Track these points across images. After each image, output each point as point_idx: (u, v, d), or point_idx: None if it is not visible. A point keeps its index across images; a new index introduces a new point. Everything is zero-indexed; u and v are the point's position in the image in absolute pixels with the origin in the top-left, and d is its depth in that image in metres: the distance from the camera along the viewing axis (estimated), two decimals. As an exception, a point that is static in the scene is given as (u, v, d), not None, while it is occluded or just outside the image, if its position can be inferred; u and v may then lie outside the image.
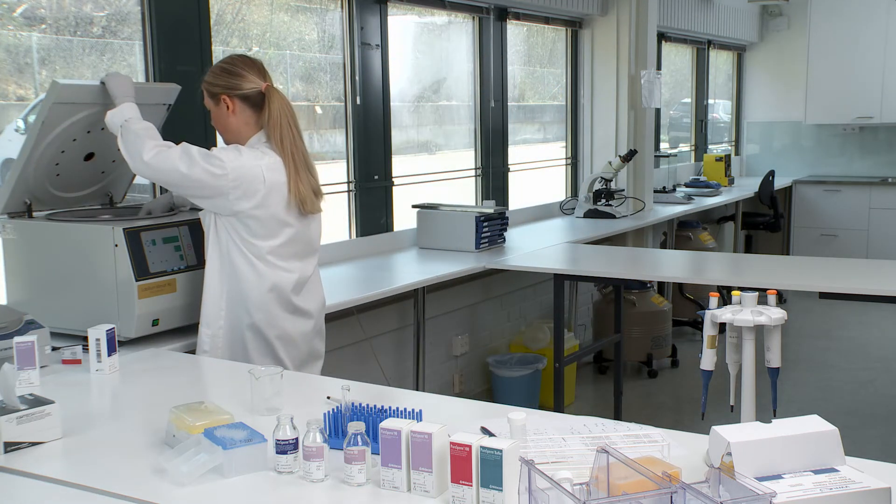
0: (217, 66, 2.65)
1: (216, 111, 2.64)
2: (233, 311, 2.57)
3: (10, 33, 3.04)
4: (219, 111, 2.63)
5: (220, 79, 2.61)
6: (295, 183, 2.57)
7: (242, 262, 2.54)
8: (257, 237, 2.54)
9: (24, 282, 2.74)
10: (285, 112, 2.59)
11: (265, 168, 2.53)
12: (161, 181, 2.61)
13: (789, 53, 8.70)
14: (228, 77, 2.60)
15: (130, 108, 2.62)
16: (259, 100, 2.60)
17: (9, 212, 2.74)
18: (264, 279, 2.56)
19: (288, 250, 2.61)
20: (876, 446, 4.33)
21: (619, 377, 4.67)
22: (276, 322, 2.60)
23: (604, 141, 6.10)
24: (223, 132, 2.67)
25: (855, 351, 6.17)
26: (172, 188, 2.63)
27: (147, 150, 2.49)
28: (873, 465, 1.60)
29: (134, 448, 1.80)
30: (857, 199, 8.21)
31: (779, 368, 2.72)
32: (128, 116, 2.60)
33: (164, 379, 2.33)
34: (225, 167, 2.47)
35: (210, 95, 2.63)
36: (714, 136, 8.72)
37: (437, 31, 5.14)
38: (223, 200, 2.50)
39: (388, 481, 1.56)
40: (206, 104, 2.66)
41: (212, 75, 2.63)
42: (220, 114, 2.63)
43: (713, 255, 4.97)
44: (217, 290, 2.57)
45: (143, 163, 2.50)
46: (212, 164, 2.47)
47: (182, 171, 2.46)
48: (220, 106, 2.62)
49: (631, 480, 1.34)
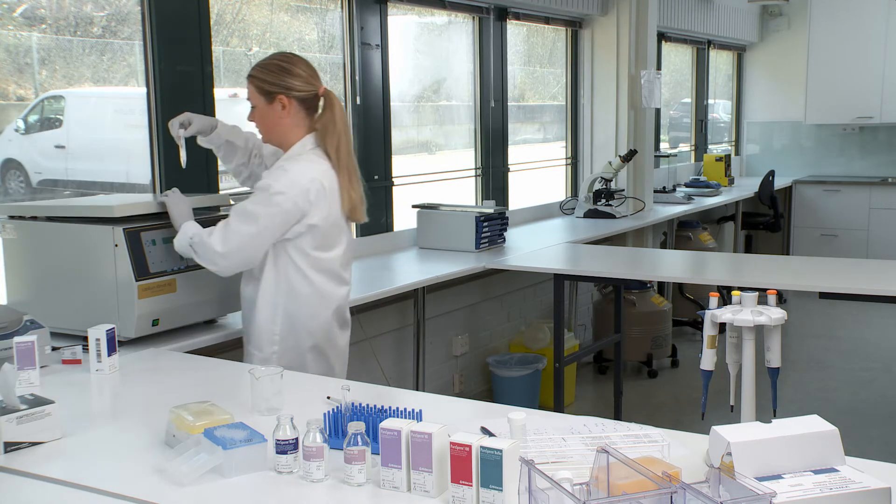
0: (272, 64, 2.53)
1: (266, 110, 2.53)
2: (290, 335, 2.55)
3: (10, 33, 3.04)
4: (270, 110, 2.53)
5: (279, 77, 2.51)
6: (347, 190, 2.57)
7: (305, 286, 2.53)
8: (323, 248, 2.55)
9: (24, 282, 2.74)
10: (343, 118, 2.58)
11: (321, 177, 2.51)
12: (249, 256, 2.50)
13: (789, 53, 8.69)
14: (288, 77, 2.52)
15: (192, 227, 2.55)
16: (314, 103, 2.56)
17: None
18: (328, 300, 2.58)
19: (347, 257, 2.65)
20: (876, 446, 4.33)
21: (619, 377, 4.67)
22: (334, 339, 2.64)
23: (604, 141, 6.10)
24: (268, 131, 2.58)
25: (855, 351, 6.17)
26: (262, 251, 2.51)
27: (215, 244, 2.45)
28: (873, 465, 1.60)
29: (134, 448, 1.80)
30: (857, 199, 8.21)
31: (779, 368, 2.72)
32: (191, 234, 2.52)
33: (164, 379, 2.33)
34: (288, 196, 2.43)
35: (263, 93, 2.52)
36: (714, 136, 8.72)
37: (437, 31, 5.14)
38: (299, 226, 2.49)
39: (388, 481, 1.56)
40: (254, 101, 2.55)
41: (268, 73, 2.52)
42: (270, 113, 2.53)
43: (713, 255, 4.97)
44: (270, 314, 2.54)
45: (220, 255, 2.45)
46: (272, 203, 2.43)
47: (252, 230, 2.43)
48: (274, 105, 2.52)
49: (631, 480, 1.34)
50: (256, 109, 2.55)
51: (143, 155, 3.36)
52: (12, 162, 3.34)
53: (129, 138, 3.44)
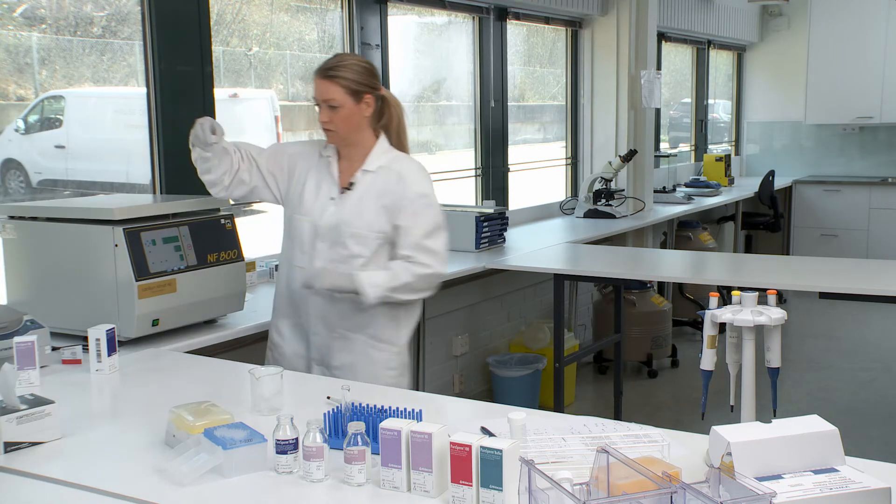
0: (358, 65, 2.56)
1: (352, 109, 2.53)
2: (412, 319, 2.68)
3: (10, 33, 3.04)
4: (356, 109, 2.54)
5: (367, 77, 2.55)
6: None
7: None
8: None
9: (24, 282, 2.74)
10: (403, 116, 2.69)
11: None
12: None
13: (789, 53, 8.69)
14: (372, 77, 2.57)
15: (380, 276, 2.52)
16: (381, 104, 2.63)
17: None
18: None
19: None
20: (876, 446, 4.33)
21: (619, 377, 4.67)
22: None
23: (604, 141, 6.09)
24: (350, 131, 2.57)
25: (855, 351, 6.17)
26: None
27: (439, 268, 2.57)
28: (873, 465, 1.60)
29: (134, 448, 1.80)
30: (857, 199, 8.21)
31: (779, 368, 2.71)
32: (380, 283, 2.50)
33: (164, 379, 2.33)
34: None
35: (352, 93, 2.52)
36: (714, 136, 8.72)
37: (437, 31, 5.14)
38: None
39: (388, 481, 1.56)
40: (340, 101, 2.51)
41: (357, 73, 2.53)
42: (356, 112, 2.55)
43: (713, 255, 4.97)
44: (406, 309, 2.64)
45: (443, 268, 2.59)
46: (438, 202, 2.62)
47: (446, 236, 2.61)
48: (361, 104, 2.54)
49: (631, 480, 1.34)
50: (342, 110, 2.52)
51: (143, 155, 3.36)
52: (12, 162, 3.34)
53: (129, 138, 3.44)
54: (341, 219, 2.57)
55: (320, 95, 2.53)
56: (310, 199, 2.62)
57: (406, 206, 2.54)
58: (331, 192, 2.61)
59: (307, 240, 2.61)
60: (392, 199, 2.55)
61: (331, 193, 2.61)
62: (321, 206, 2.60)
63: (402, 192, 2.55)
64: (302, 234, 2.62)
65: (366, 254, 2.55)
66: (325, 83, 2.52)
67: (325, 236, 2.57)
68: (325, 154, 2.66)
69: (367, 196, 2.57)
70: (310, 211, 2.61)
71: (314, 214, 2.60)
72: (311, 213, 2.60)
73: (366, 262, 2.55)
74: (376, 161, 2.60)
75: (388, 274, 2.51)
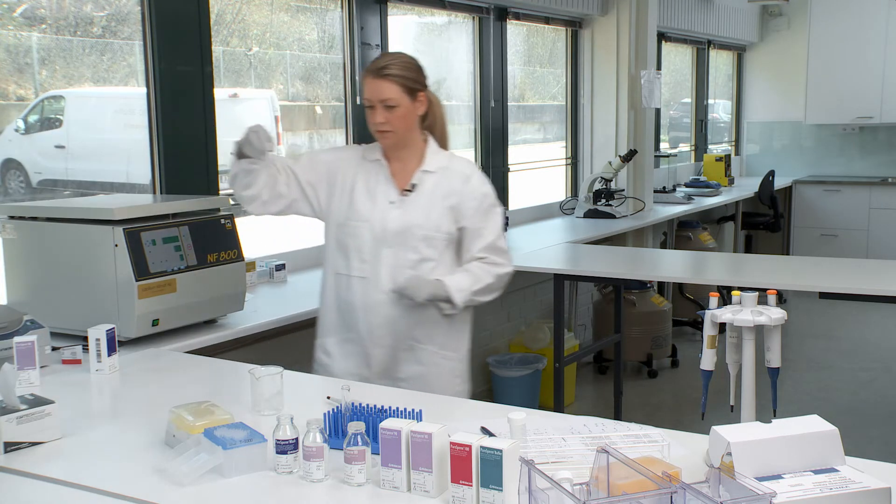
0: (410, 63, 2.47)
1: (409, 108, 2.44)
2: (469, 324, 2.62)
3: (10, 33, 3.04)
4: (412, 108, 2.45)
5: (419, 74, 2.48)
6: None
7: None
8: None
9: (24, 282, 2.74)
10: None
11: None
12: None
13: (789, 53, 8.69)
14: (423, 74, 2.50)
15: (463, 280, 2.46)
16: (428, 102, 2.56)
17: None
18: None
19: None
20: (876, 446, 4.33)
21: (619, 377, 4.67)
22: None
23: (604, 141, 6.10)
24: (406, 130, 2.47)
25: (855, 351, 6.17)
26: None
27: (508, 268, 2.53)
28: (873, 465, 1.60)
29: (134, 448, 1.80)
30: (857, 199, 8.21)
31: (779, 368, 2.71)
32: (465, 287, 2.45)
33: (164, 379, 2.33)
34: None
35: (409, 91, 2.43)
36: (714, 136, 8.72)
37: (437, 31, 5.14)
38: None
39: (388, 481, 1.56)
40: (398, 101, 2.41)
41: (410, 71, 2.45)
42: (412, 111, 2.46)
43: (713, 255, 4.97)
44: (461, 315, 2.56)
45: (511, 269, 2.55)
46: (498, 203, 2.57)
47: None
48: (416, 103, 2.46)
49: (631, 480, 1.34)
50: (399, 109, 2.42)
51: (143, 155, 3.36)
52: (12, 162, 3.34)
53: (129, 138, 3.44)
54: (409, 222, 2.45)
55: (376, 96, 2.41)
56: (365, 205, 2.48)
57: (474, 207, 2.49)
58: (389, 195, 2.48)
59: (368, 247, 2.46)
60: (458, 199, 2.48)
61: (390, 197, 2.48)
62: (381, 211, 2.47)
63: (469, 193, 2.49)
64: (361, 241, 2.47)
65: (434, 256, 2.47)
66: (379, 82, 2.41)
67: (392, 241, 2.45)
68: (372, 157, 2.54)
69: (432, 197, 2.48)
70: (369, 217, 2.47)
71: (374, 220, 2.46)
72: (371, 218, 2.46)
73: (435, 266, 2.46)
74: (434, 161, 2.52)
75: (470, 277, 2.45)
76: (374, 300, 2.46)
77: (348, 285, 2.49)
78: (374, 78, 2.41)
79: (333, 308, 2.54)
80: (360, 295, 2.47)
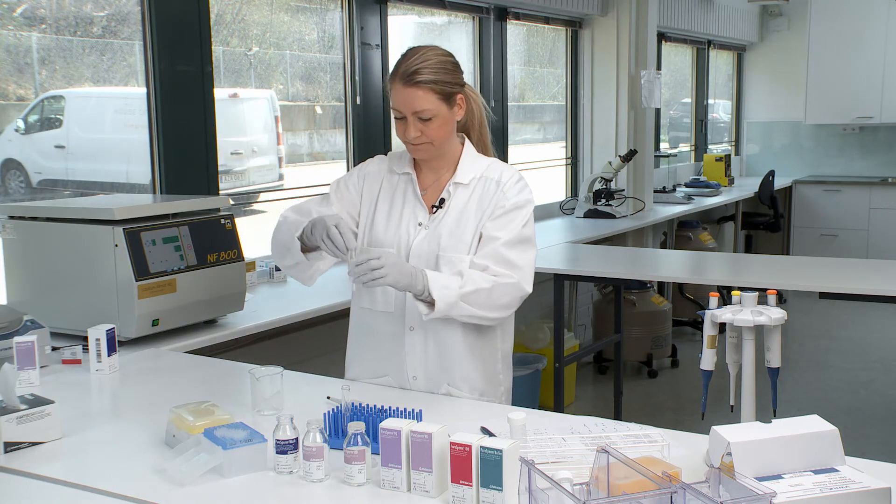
0: (444, 61, 2.06)
1: (446, 115, 2.07)
2: (509, 362, 2.31)
3: (10, 33, 3.04)
4: (450, 116, 2.08)
5: (455, 76, 2.08)
6: None
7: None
8: None
9: (24, 282, 2.74)
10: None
11: None
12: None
13: (789, 53, 8.69)
14: (459, 71, 2.11)
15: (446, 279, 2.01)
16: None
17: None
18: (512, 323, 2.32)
19: None
20: (876, 446, 4.33)
21: (619, 377, 4.67)
22: None
23: (604, 141, 6.10)
24: (443, 139, 2.10)
25: (855, 351, 6.17)
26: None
27: (525, 286, 2.10)
28: (873, 465, 1.60)
29: (134, 448, 1.80)
30: (857, 199, 8.21)
31: (779, 368, 2.72)
32: (451, 287, 1.99)
33: (164, 379, 2.33)
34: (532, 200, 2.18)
35: (445, 98, 2.05)
36: (714, 136, 8.72)
37: (437, 31, 5.13)
38: None
39: (388, 481, 1.56)
40: (433, 110, 2.03)
41: (444, 73, 2.05)
42: (450, 119, 2.09)
43: (713, 255, 4.97)
44: (502, 335, 2.30)
45: (527, 284, 2.11)
46: (532, 216, 2.16)
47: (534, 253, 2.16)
48: (454, 107, 2.08)
49: (631, 480, 1.34)
50: (436, 120, 2.05)
51: (143, 155, 3.36)
52: (12, 162, 3.34)
53: (129, 138, 3.44)
54: (436, 244, 2.10)
55: (407, 107, 2.03)
56: (389, 227, 2.15)
57: (496, 213, 2.12)
58: (417, 215, 2.14)
59: None
60: (487, 209, 2.13)
61: (418, 217, 2.14)
62: (407, 234, 2.13)
63: (497, 202, 2.12)
64: None
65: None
66: (410, 91, 2.02)
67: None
68: (401, 170, 2.19)
69: (464, 214, 2.12)
70: (393, 241, 2.13)
71: (399, 245, 2.12)
72: (396, 243, 2.13)
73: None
74: (469, 171, 2.16)
75: (459, 278, 2.02)
76: (403, 338, 2.15)
77: (370, 322, 2.20)
78: (405, 86, 2.02)
79: (359, 342, 2.25)
80: (388, 332, 2.16)
